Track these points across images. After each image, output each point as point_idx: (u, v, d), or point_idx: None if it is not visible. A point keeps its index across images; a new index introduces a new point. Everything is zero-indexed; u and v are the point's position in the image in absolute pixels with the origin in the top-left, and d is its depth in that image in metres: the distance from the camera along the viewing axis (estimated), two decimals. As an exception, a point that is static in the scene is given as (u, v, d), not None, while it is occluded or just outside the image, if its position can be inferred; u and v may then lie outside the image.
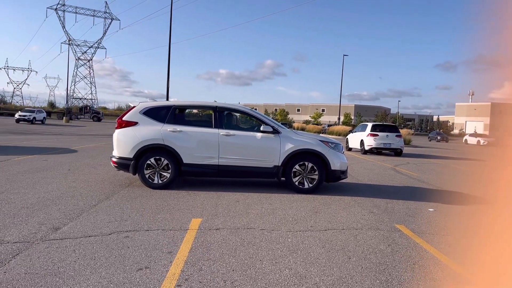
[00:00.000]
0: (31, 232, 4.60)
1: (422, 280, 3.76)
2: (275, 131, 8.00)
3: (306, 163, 7.96)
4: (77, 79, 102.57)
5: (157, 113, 8.01)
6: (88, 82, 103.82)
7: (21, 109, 56.25)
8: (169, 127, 7.83)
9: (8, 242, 4.22)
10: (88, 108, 74.83)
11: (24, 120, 41.67)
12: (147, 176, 7.68)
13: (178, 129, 7.83)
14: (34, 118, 42.49)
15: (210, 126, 8.03)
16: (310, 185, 7.95)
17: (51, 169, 9.61)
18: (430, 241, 5.05)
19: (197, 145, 7.82)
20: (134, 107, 8.11)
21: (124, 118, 7.98)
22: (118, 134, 7.91)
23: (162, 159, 7.70)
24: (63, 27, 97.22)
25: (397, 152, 20.36)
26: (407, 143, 31.23)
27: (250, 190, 7.99)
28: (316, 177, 7.94)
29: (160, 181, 7.69)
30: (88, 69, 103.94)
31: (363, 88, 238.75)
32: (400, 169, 13.78)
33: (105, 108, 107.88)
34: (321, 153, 8.00)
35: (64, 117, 58.39)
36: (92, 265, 3.72)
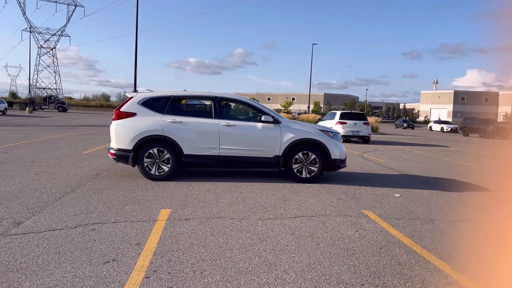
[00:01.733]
0: (-9, 228, 4.42)
1: (388, 263, 3.86)
2: (276, 121, 7.97)
3: (307, 153, 7.97)
4: (40, 68, 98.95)
5: (155, 104, 7.87)
6: (52, 71, 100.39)
7: (-20, 99, 53.72)
8: (168, 118, 7.71)
9: (-34, 239, 4.04)
10: (53, 98, 72.25)
11: (-17, 111, 39.90)
12: (147, 167, 7.55)
13: (178, 120, 7.72)
14: (-5, 109, 40.75)
15: (210, 117, 7.94)
16: (311, 174, 7.98)
17: (12, 161, 9.25)
18: (396, 226, 5.18)
19: (197, 136, 7.73)
20: (131, 97, 7.93)
21: (122, 109, 7.79)
22: (116, 126, 7.72)
23: (162, 150, 7.58)
24: (24, 13, 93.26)
25: (365, 140, 20.77)
26: (374, 130, 31.88)
27: (220, 179, 7.96)
28: (316, 166, 7.96)
29: (160, 173, 7.58)
30: (52, 57, 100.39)
31: (332, 77, 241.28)
32: (368, 156, 14.06)
33: (70, 98, 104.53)
34: (321, 143, 8.01)
35: (27, 108, 56.25)
36: (56, 259, 3.61)
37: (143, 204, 5.77)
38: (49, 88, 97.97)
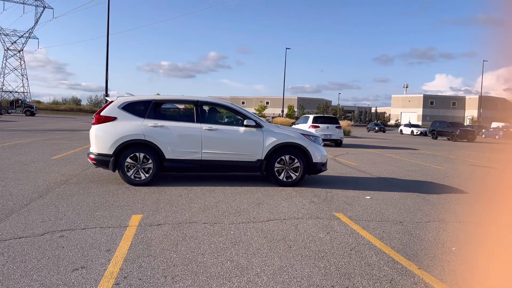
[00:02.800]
0: (-47, 236, 4.26)
1: (358, 265, 3.94)
2: (258, 125, 7.97)
3: (289, 157, 8.00)
4: (6, 71, 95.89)
5: (136, 108, 7.76)
6: (19, 74, 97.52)
7: None
8: (149, 122, 7.61)
9: None
10: (20, 102, 70.07)
11: None
12: (127, 172, 7.43)
13: (159, 124, 7.63)
14: (-42, 113, 39.21)
15: (192, 121, 7.89)
16: (293, 178, 8.03)
17: (-23, 167, 8.92)
18: (366, 227, 5.29)
19: (179, 140, 7.66)
20: (111, 101, 7.79)
21: (102, 113, 7.64)
22: (97, 130, 7.56)
23: (143, 155, 7.48)
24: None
25: (337, 143, 21.08)
26: (346, 134, 32.39)
27: (193, 184, 7.92)
28: (298, 170, 8.02)
29: (141, 177, 7.47)
30: (19, 60, 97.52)
31: (305, 81, 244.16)
32: (340, 159, 14.27)
33: (39, 102, 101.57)
34: (303, 146, 8.08)
35: (-8, 112, 54.35)
36: (22, 268, 3.51)
37: (113, 209, 5.68)
38: (16, 92, 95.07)
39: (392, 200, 7.13)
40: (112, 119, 7.62)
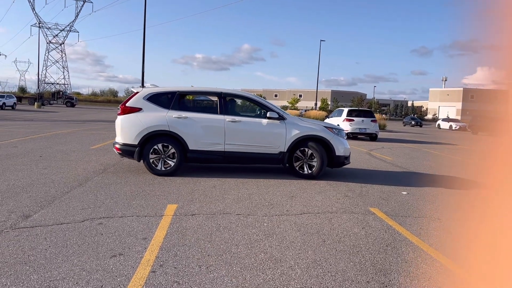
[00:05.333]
0: (0, 220, 4.47)
1: (394, 261, 3.85)
2: (281, 118, 7.99)
3: (310, 149, 7.99)
4: (48, 63, 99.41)
5: (161, 99, 7.89)
6: (61, 67, 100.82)
7: (-10, 94, 54.13)
8: (174, 113, 7.73)
9: (-25, 231, 4.09)
10: (61, 93, 72.74)
11: (-7, 105, 40.24)
12: (152, 163, 7.59)
13: (184, 116, 7.74)
14: (4, 103, 41.07)
15: (215, 113, 7.97)
16: (313, 170, 8.00)
17: (21, 155, 9.34)
18: (403, 223, 5.16)
19: (203, 131, 7.76)
20: (137, 92, 7.95)
21: (127, 104, 7.81)
22: (122, 121, 7.74)
23: (168, 145, 7.61)
24: (33, 9, 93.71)
25: (372, 137, 20.67)
26: (382, 128, 31.74)
27: (226, 175, 7.98)
28: (318, 162, 7.97)
29: (166, 168, 7.61)
30: (60, 53, 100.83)
31: (340, 73, 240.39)
32: (375, 153, 14.00)
33: (78, 94, 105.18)
34: (326, 139, 8.04)
35: (35, 103, 56.64)
36: (64, 252, 3.65)
37: (150, 199, 5.80)
38: (57, 83, 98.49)
39: (430, 196, 6.93)
40: (138, 109, 7.74)
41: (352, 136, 20.63)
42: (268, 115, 7.93)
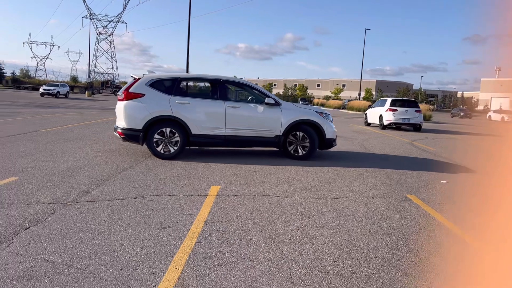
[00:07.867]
0: (63, 195, 4.99)
1: (426, 243, 3.99)
2: (277, 103, 8.48)
3: (302, 132, 8.55)
4: (98, 54, 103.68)
5: (163, 85, 8.22)
6: (109, 57, 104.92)
7: (45, 83, 57.34)
8: (177, 99, 8.06)
9: (43, 203, 4.62)
10: (110, 82, 75.87)
11: (49, 94, 42.63)
12: (156, 147, 7.92)
13: (186, 101, 8.11)
14: (58, 92, 43.45)
15: (216, 99, 8.36)
16: (305, 151, 8.59)
17: (77, 139, 10.06)
18: (439, 210, 5.25)
19: (204, 116, 8.12)
20: (139, 79, 8.22)
21: (130, 90, 8.02)
22: (126, 106, 7.94)
23: (171, 130, 7.93)
24: (84, 1, 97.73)
25: (416, 127, 20.25)
26: (427, 119, 30.90)
27: (267, 162, 8.27)
28: (309, 144, 8.55)
29: (169, 152, 7.95)
30: (109, 43, 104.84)
31: (386, 63, 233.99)
32: (418, 143, 13.81)
33: (125, 83, 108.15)
34: (318, 123, 8.63)
35: (86, 92, 59.47)
36: (120, 224, 4.07)
37: (195, 180, 6.19)
38: (106, 73, 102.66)
39: (470, 186, 6.90)
40: (141, 95, 7.98)
41: (395, 126, 20.32)
42: (265, 101, 8.41)
